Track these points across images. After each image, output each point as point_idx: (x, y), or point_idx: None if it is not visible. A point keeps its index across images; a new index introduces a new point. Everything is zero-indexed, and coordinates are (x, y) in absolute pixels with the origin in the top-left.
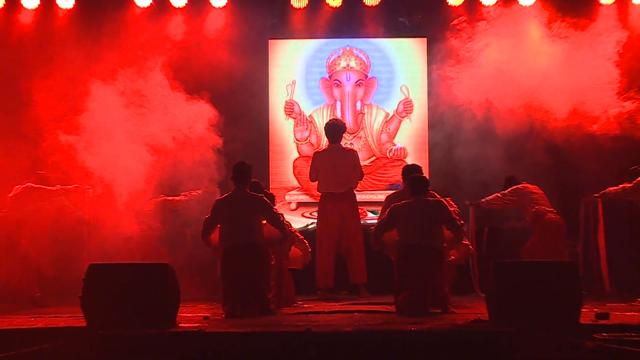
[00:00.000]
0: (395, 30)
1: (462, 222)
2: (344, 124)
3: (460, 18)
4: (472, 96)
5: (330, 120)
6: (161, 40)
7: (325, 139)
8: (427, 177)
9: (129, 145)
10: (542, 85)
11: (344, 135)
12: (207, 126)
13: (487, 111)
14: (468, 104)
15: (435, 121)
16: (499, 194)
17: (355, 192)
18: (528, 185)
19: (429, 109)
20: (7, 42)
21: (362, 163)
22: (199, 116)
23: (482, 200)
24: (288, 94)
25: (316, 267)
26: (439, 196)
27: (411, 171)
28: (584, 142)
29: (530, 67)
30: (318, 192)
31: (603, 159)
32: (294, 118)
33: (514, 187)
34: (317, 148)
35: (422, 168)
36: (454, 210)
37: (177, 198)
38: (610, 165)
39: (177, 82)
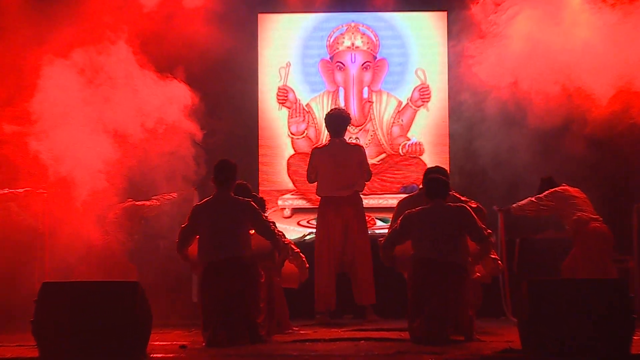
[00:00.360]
0: (410, 2)
1: (489, 231)
2: (348, 114)
3: None
4: (500, 80)
5: (331, 109)
6: (127, 8)
7: (326, 132)
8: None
9: (90, 136)
10: (582, 64)
11: (348, 127)
12: (183, 112)
13: (518, 98)
14: (496, 90)
15: (457, 111)
16: (533, 198)
17: (361, 195)
18: (568, 187)
19: (450, 96)
20: None
21: (370, 161)
22: (173, 100)
23: (513, 205)
24: (281, 79)
25: (315, 285)
26: (464, 197)
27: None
28: (634, 133)
29: (568, 42)
30: (317, 196)
31: None
32: (289, 107)
33: (552, 190)
34: (317, 143)
35: (443, 167)
36: (480, 216)
37: (147, 203)
38: None
39: (146, 58)
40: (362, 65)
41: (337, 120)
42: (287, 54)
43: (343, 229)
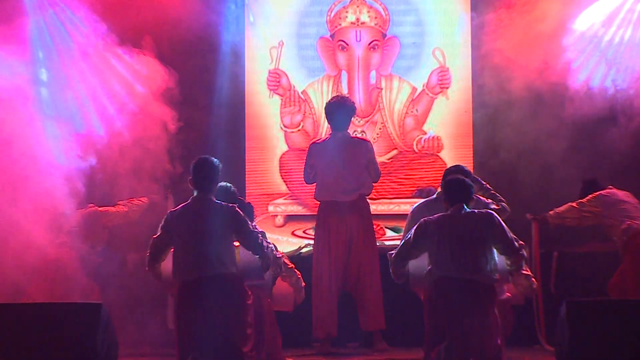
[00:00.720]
0: None
1: (521, 243)
2: (353, 102)
3: None
4: (532, 61)
5: (332, 98)
6: None
7: (326, 124)
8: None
9: (36, 122)
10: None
11: (353, 119)
12: (153, 95)
13: (554, 83)
14: (527, 72)
15: (482, 99)
16: (574, 204)
17: (368, 200)
18: (616, 191)
19: (474, 81)
20: None
21: (379, 159)
22: (140, 78)
23: (550, 212)
24: (272, 61)
25: (313, 308)
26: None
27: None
28: None
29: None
30: (316, 201)
31: None
32: (281, 95)
33: (596, 193)
34: (315, 137)
35: (466, 165)
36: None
37: (112, 209)
38: None
39: (107, 27)
40: (369, 44)
41: (340, 110)
42: (279, 31)
43: (346, 240)
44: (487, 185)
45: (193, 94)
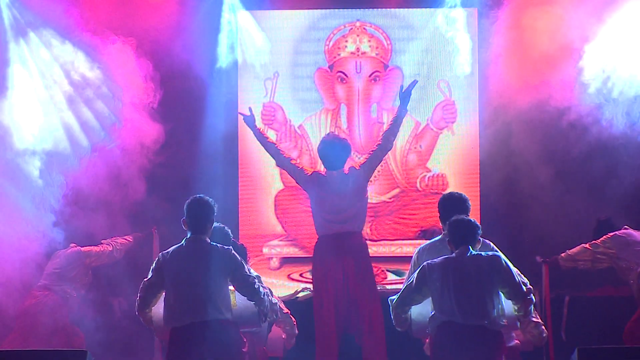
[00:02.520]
0: None
1: (530, 287)
2: (347, 141)
3: None
4: (546, 94)
5: (325, 136)
6: None
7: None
8: (477, 219)
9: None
10: None
11: (352, 156)
12: (141, 134)
13: (566, 114)
14: (543, 114)
15: (490, 135)
16: (587, 245)
17: (369, 242)
18: (632, 231)
19: (481, 116)
20: None
21: (381, 198)
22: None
23: (562, 254)
24: (267, 94)
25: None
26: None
27: (452, 205)
28: None
29: None
30: (312, 242)
31: None
32: (277, 130)
33: (611, 234)
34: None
35: (472, 206)
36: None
37: (96, 248)
38: None
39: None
40: (370, 76)
41: (333, 149)
42: (274, 61)
43: (344, 282)
44: None
45: (181, 126)
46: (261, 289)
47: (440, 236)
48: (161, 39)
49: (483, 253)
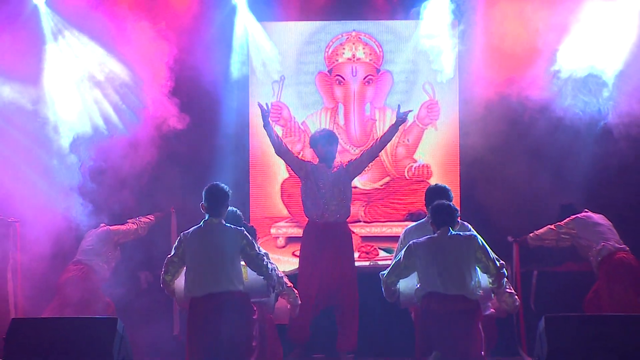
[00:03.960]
0: (416, 10)
1: (502, 263)
2: (334, 132)
3: None
4: (518, 93)
5: (315, 132)
6: None
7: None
8: (457, 203)
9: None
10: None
11: (348, 148)
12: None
13: (537, 114)
14: (515, 110)
15: (468, 130)
16: (552, 227)
17: (363, 223)
18: (591, 214)
19: (460, 114)
20: None
21: (373, 185)
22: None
23: (530, 235)
24: (275, 94)
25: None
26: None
27: (436, 194)
28: None
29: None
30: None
31: None
32: (283, 126)
33: (573, 216)
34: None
35: (453, 192)
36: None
37: (123, 227)
38: None
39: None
40: (364, 79)
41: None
42: (280, 66)
43: (327, 264)
44: None
45: (202, 123)
46: (269, 264)
47: (424, 219)
48: (183, 46)
49: (461, 233)
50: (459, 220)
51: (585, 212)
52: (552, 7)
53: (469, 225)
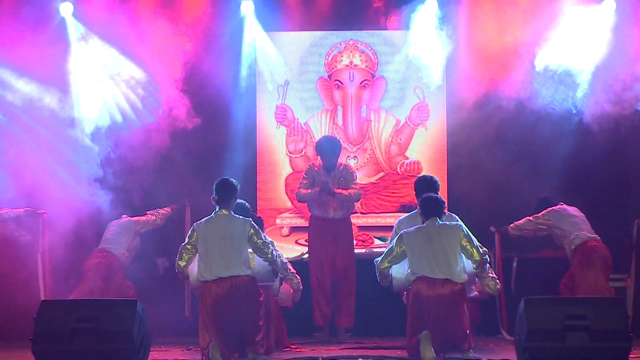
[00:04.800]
0: (408, 20)
1: (485, 250)
2: (338, 140)
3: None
4: (502, 98)
5: (320, 139)
6: None
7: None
8: (445, 196)
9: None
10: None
11: (346, 146)
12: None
13: (525, 115)
14: (497, 110)
15: (456, 129)
16: (530, 218)
17: (360, 213)
18: (566, 206)
19: (448, 114)
20: None
21: (369, 179)
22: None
23: (511, 225)
24: (280, 97)
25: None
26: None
27: (424, 186)
28: (631, 148)
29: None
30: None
31: None
32: (287, 126)
33: (549, 209)
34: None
35: (441, 186)
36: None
37: (143, 218)
38: None
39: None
40: (361, 83)
41: (328, 147)
42: (285, 72)
43: (332, 251)
44: None
45: (214, 124)
46: (274, 252)
47: (415, 210)
48: (196, 53)
49: (448, 223)
50: (445, 211)
51: (561, 204)
52: (531, 14)
53: (456, 216)
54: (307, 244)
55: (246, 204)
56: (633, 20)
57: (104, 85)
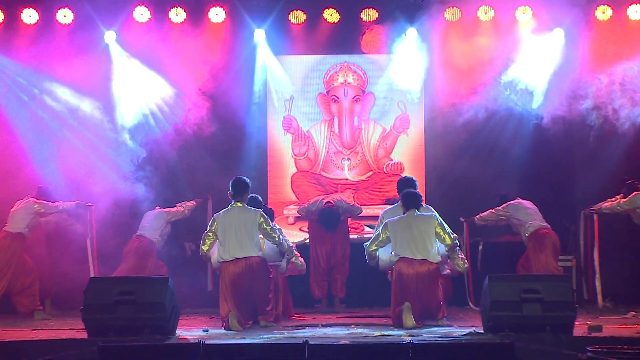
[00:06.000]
0: (392, 45)
1: (455, 235)
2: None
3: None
4: (472, 110)
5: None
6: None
7: (323, 154)
8: (423, 192)
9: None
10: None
11: (341, 150)
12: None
13: (486, 120)
14: (467, 119)
15: (431, 136)
16: (492, 210)
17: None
18: (522, 200)
19: (425, 124)
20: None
21: (360, 177)
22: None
23: (477, 216)
24: (286, 110)
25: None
26: None
27: (405, 184)
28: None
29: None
30: None
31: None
32: (292, 133)
33: (508, 202)
34: (315, 164)
35: (418, 183)
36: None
37: (173, 209)
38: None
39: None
40: (353, 98)
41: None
42: (290, 89)
43: (330, 237)
44: None
45: (231, 132)
46: (281, 236)
47: (397, 203)
48: (218, 72)
49: (424, 213)
50: (423, 204)
51: (518, 199)
52: (496, 39)
53: (431, 208)
54: (308, 231)
55: (259, 197)
56: (577, 45)
57: (140, 95)
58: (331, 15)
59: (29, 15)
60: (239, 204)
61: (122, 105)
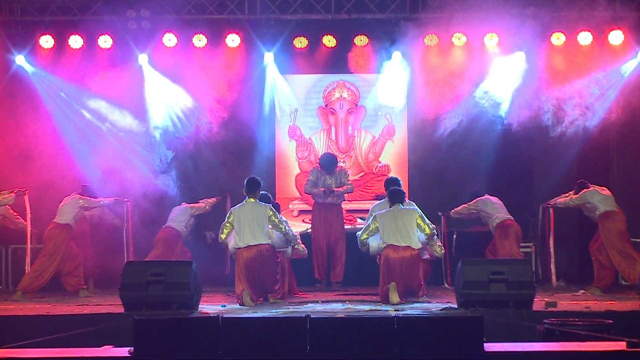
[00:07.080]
0: (380, 66)
1: (434, 226)
2: (335, 156)
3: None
4: (449, 119)
5: (323, 154)
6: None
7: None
8: (406, 189)
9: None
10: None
11: (338, 154)
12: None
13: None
14: (445, 128)
15: (413, 143)
16: (465, 205)
17: (346, 199)
18: (489, 196)
19: (409, 133)
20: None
21: (353, 177)
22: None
23: (452, 211)
24: (291, 120)
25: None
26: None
27: (391, 183)
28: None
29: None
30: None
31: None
32: (296, 140)
33: (477, 198)
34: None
35: (402, 182)
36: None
37: (197, 205)
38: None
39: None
40: (348, 110)
41: (328, 161)
42: (295, 102)
43: (328, 227)
44: None
45: (244, 140)
46: (286, 227)
47: (385, 199)
48: (233, 91)
49: (407, 207)
50: (406, 199)
51: (486, 195)
52: (469, 59)
53: (413, 203)
54: (310, 222)
55: (269, 194)
56: (536, 65)
57: (168, 107)
58: (329, 41)
59: (75, 41)
60: (252, 200)
61: (153, 115)
